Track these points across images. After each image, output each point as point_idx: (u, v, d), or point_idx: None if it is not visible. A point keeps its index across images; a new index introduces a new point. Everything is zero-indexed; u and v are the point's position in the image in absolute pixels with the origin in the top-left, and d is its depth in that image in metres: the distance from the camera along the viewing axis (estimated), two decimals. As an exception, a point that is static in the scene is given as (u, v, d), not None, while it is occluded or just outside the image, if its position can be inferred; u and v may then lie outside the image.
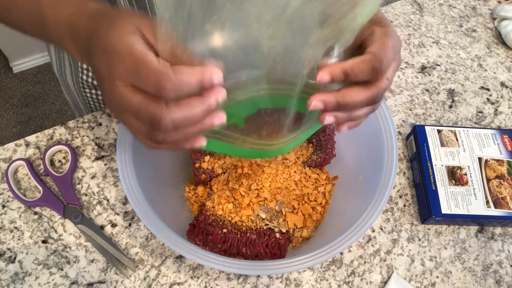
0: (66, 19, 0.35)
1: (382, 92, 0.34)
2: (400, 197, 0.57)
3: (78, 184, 0.55)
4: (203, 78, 0.29)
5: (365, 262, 0.52)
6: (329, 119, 0.35)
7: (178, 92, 0.28)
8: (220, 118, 0.32)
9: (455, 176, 0.54)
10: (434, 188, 0.53)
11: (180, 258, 0.51)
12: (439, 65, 0.70)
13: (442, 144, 0.57)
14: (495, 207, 0.53)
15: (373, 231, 0.54)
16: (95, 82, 0.67)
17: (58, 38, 0.36)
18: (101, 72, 0.30)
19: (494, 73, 0.70)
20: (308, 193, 0.52)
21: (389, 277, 0.51)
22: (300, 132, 0.42)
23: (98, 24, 0.32)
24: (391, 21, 0.75)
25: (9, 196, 0.53)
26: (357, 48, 0.35)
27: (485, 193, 0.53)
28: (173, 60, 0.29)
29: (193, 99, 0.30)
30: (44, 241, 0.51)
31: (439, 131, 0.58)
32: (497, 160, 0.56)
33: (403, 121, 0.63)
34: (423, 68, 0.70)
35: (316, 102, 0.33)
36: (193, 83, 0.28)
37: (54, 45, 0.37)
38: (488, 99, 0.67)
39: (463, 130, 0.58)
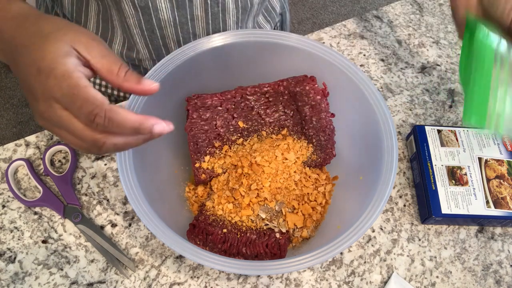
0: None
1: None
2: (400, 197, 0.57)
3: (78, 184, 0.55)
4: (140, 127, 0.31)
5: (365, 262, 0.52)
6: None
7: (108, 129, 0.30)
8: (168, 128, 0.33)
9: (455, 176, 0.54)
10: (434, 188, 0.53)
11: (180, 258, 0.51)
12: (439, 65, 0.70)
13: (442, 144, 0.57)
14: (495, 207, 0.53)
15: (373, 231, 0.54)
16: (96, 86, 0.67)
17: None
18: (35, 90, 0.30)
19: (494, 73, 0.70)
20: (308, 193, 0.52)
21: (389, 277, 0.51)
22: None
23: (26, 34, 0.32)
24: (391, 21, 0.75)
25: (9, 196, 0.53)
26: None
27: (485, 193, 0.53)
28: (109, 76, 0.31)
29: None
30: (44, 241, 0.51)
31: (439, 131, 0.58)
32: (497, 160, 0.56)
33: (403, 121, 0.63)
34: (423, 68, 0.70)
35: None
36: (126, 128, 0.30)
37: None
38: (488, 99, 0.67)
39: (463, 130, 0.58)
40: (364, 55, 0.70)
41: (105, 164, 0.56)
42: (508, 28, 0.41)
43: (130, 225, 0.52)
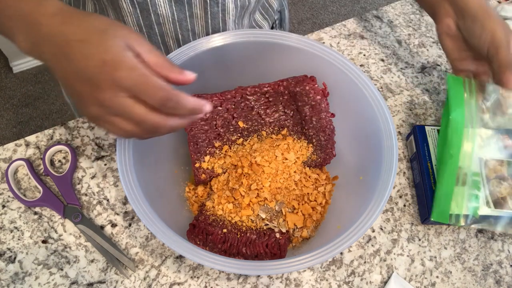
0: (24, 10, 0.36)
1: None
2: (400, 197, 0.57)
3: (78, 184, 0.55)
4: (196, 108, 0.36)
5: (365, 262, 0.52)
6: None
7: (175, 111, 0.35)
8: (208, 108, 0.37)
9: (455, 176, 0.54)
10: (434, 188, 0.53)
11: (180, 258, 0.51)
12: (439, 65, 0.70)
13: (442, 144, 0.57)
14: (495, 207, 0.53)
15: (373, 231, 0.54)
16: None
17: (7, 27, 0.37)
18: (99, 80, 0.33)
19: (494, 73, 0.70)
20: (308, 193, 0.52)
21: (389, 277, 0.51)
22: None
23: (80, 30, 0.34)
24: (391, 21, 0.75)
25: (9, 196, 0.53)
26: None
27: (485, 193, 0.53)
28: (158, 68, 0.35)
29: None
30: (44, 241, 0.51)
31: (439, 131, 0.58)
32: (497, 160, 0.56)
33: (403, 121, 0.63)
34: (423, 68, 0.70)
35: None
36: (187, 109, 0.35)
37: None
38: (488, 99, 0.67)
39: (463, 130, 0.58)
40: (364, 55, 0.70)
41: (105, 164, 0.56)
42: (485, 55, 0.51)
43: (130, 225, 0.52)
